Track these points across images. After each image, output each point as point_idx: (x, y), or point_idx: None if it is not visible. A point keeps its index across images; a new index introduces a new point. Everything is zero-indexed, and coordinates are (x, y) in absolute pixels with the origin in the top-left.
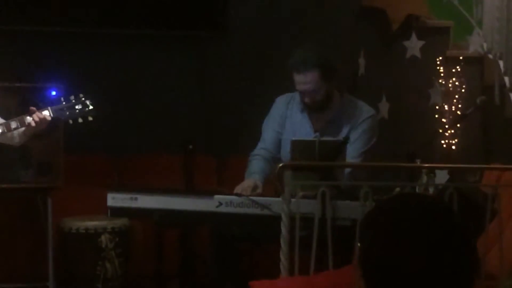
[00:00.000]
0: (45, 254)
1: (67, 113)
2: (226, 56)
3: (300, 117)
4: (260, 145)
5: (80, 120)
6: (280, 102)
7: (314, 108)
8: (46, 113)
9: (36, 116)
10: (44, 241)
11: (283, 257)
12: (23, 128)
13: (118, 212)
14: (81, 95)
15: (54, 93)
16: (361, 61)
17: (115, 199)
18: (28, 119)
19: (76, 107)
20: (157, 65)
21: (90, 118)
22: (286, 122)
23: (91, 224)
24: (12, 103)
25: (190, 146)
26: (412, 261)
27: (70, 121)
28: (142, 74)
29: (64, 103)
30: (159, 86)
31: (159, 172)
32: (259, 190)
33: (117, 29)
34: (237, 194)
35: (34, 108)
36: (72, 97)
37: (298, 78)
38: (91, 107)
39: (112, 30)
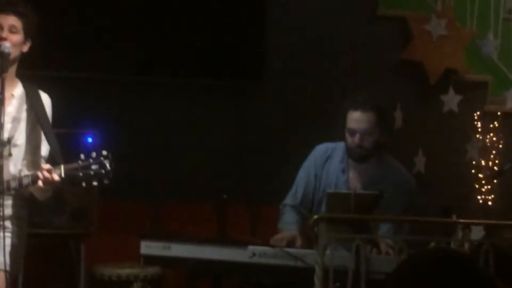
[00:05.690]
0: None
1: (80, 174)
2: (261, 105)
3: (338, 168)
4: (292, 198)
5: (94, 183)
6: (319, 153)
7: (359, 156)
8: (57, 172)
9: (43, 175)
10: (76, 287)
11: None
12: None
13: (151, 260)
14: (104, 152)
15: (90, 139)
16: (398, 114)
17: (148, 247)
18: (40, 176)
19: (92, 167)
20: (192, 113)
21: (106, 182)
22: (322, 176)
23: (124, 271)
24: None
25: (224, 196)
26: None
27: (83, 184)
28: (177, 123)
29: (80, 162)
30: (193, 134)
31: (192, 221)
32: (298, 243)
33: (153, 77)
34: (271, 245)
35: (48, 166)
36: (93, 154)
37: (355, 115)
38: (108, 169)
39: (148, 78)
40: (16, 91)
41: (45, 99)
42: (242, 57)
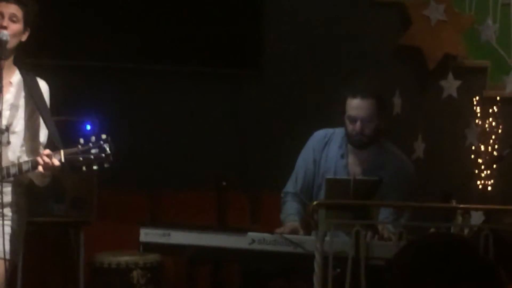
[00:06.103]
0: None
1: (81, 158)
2: (260, 93)
3: (337, 153)
4: (292, 185)
5: (94, 167)
6: (318, 138)
7: (360, 143)
8: (57, 157)
9: (43, 160)
10: (75, 275)
11: None
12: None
13: (150, 247)
14: (103, 136)
15: (88, 127)
16: (397, 100)
17: (147, 235)
18: (40, 161)
19: (92, 151)
20: (191, 101)
21: (106, 165)
22: (321, 161)
23: (123, 259)
24: None
25: (224, 183)
26: None
27: (84, 168)
28: (176, 110)
29: (80, 146)
30: (193, 122)
31: (192, 209)
32: (300, 233)
33: (152, 65)
34: (271, 232)
35: (47, 151)
36: (93, 138)
37: (355, 103)
38: (108, 152)
39: (147, 66)
40: (14, 78)
41: (43, 85)
42: (241, 44)
